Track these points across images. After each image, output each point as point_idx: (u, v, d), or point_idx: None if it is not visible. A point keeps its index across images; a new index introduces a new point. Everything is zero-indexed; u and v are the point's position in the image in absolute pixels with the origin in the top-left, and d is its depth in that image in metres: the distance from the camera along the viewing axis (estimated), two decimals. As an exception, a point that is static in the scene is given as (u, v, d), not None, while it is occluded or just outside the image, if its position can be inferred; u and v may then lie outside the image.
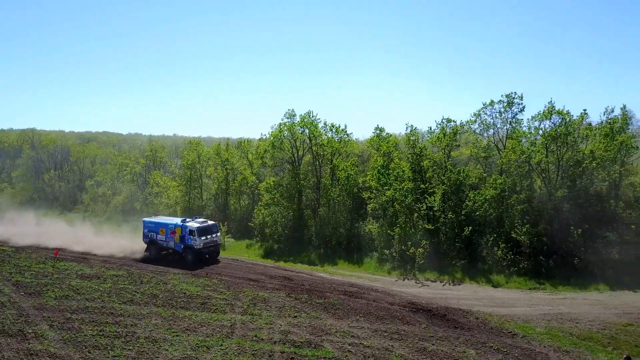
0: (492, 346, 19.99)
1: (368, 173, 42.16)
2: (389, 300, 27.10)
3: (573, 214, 34.09)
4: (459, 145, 41.07)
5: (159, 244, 38.09)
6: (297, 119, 45.03)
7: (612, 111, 35.77)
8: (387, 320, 23.44)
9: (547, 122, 36.22)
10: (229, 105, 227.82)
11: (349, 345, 20.21)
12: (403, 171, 38.80)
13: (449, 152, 39.52)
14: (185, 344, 20.02)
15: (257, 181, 50.19)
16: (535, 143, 36.79)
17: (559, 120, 35.55)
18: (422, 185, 37.98)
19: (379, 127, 46.46)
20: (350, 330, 21.98)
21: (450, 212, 36.15)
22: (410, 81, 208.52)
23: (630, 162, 36.53)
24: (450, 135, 38.87)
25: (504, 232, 34.82)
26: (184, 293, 27.60)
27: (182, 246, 36.72)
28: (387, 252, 36.40)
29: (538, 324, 22.98)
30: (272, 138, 45.30)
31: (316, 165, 45.56)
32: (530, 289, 29.85)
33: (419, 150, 39.04)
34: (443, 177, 37.50)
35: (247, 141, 56.55)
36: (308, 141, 45.37)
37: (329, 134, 45.50)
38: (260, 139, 50.34)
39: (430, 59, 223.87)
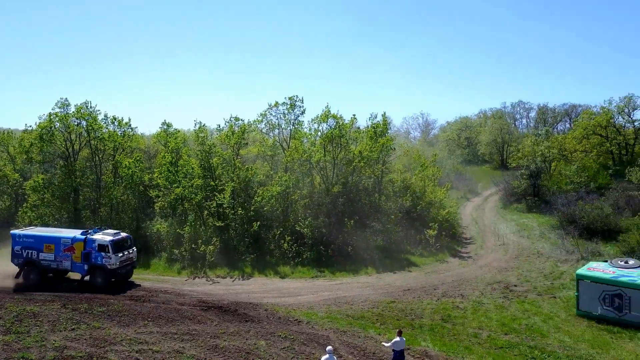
0: (280, 335, 21.21)
1: (155, 170, 40.49)
2: (179, 300, 26.51)
3: (347, 206, 38.34)
4: (247, 144, 42.37)
5: (43, 265, 29.86)
6: (72, 109, 40.55)
7: (376, 117, 41.42)
8: (177, 322, 22.90)
9: (325, 124, 39.99)
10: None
11: (137, 352, 19.16)
12: (192, 168, 38.30)
13: (238, 150, 40.42)
14: None
15: (21, 179, 43.59)
16: (315, 143, 40.19)
17: (334, 124, 39.52)
18: (211, 183, 38.03)
19: (167, 122, 45.06)
20: (137, 337, 20.84)
21: (239, 209, 37.05)
22: (199, 78, 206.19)
23: (390, 162, 42.85)
24: (238, 133, 39.80)
25: (289, 225, 37.18)
26: None
27: (87, 266, 29.23)
28: (176, 251, 35.41)
29: (320, 310, 25.20)
30: (40, 130, 39.80)
31: (96, 161, 41.64)
32: (312, 277, 32.48)
33: (208, 147, 38.97)
34: (232, 175, 38.19)
35: (8, 133, 48.63)
36: (85, 134, 41.17)
37: (111, 127, 42.19)
38: (25, 131, 43.77)
39: (217, 56, 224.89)
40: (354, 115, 41.22)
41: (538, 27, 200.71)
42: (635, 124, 57.68)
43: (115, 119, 42.31)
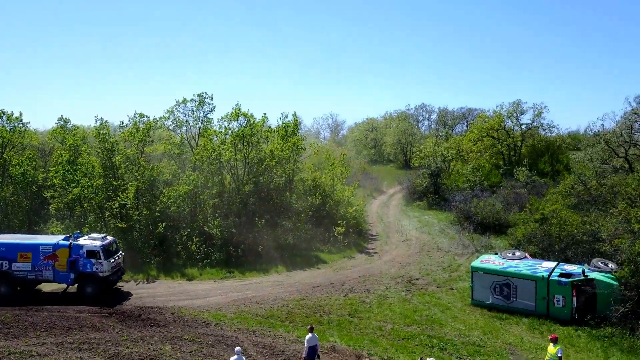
0: (187, 338, 20.71)
1: (51, 169, 37.72)
2: (77, 308, 24.92)
3: (258, 206, 38.20)
4: (152, 141, 40.73)
5: (17, 276, 26.37)
6: (-49, 101, 36.76)
7: (287, 117, 41.72)
8: (74, 331, 21.56)
9: (235, 122, 39.52)
10: None
11: (28, 366, 17.85)
12: (93, 167, 36.16)
13: (143, 148, 38.74)
14: None
15: None
16: (225, 142, 39.57)
17: (245, 122, 39.20)
18: (114, 182, 36.10)
19: (64, 117, 42.15)
20: (28, 349, 19.35)
21: (144, 209, 35.55)
22: (102, 71, 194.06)
23: (300, 161, 43.36)
24: (143, 130, 38.10)
25: (197, 226, 36.28)
26: None
27: (73, 276, 26.43)
28: (74, 255, 33.23)
29: (229, 311, 24.90)
30: None
31: (-21, 159, 38.03)
32: (222, 278, 31.95)
33: (110, 145, 36.92)
34: (136, 174, 36.51)
35: None
36: (-32, 129, 37.52)
37: (-1, 122, 38.86)
38: None
39: (120, 51, 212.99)
40: (265, 114, 41.21)
41: (438, 34, 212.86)
42: (522, 127, 63.06)
43: (3, 113, 39.10)
